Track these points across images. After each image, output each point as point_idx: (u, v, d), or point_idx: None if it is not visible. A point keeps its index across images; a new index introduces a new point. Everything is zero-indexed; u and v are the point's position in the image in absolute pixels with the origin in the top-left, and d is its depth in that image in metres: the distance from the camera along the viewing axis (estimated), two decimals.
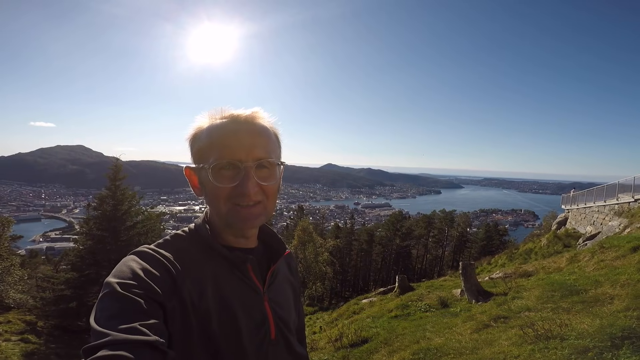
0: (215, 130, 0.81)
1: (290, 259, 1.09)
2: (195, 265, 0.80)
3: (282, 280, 0.99)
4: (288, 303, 0.98)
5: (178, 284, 0.74)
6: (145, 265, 0.73)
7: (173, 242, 0.84)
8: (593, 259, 7.12)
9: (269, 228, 1.00)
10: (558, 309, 4.73)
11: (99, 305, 0.66)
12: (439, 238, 40.37)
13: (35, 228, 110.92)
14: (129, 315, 0.63)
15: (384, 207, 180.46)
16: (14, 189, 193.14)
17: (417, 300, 8.47)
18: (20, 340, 13.89)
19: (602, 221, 13.82)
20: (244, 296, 0.84)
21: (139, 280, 0.69)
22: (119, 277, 0.69)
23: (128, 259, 0.76)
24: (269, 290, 0.91)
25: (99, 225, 15.11)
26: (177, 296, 0.73)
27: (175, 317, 0.72)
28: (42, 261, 32.20)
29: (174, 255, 0.79)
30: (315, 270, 25.02)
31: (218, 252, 0.84)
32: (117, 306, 0.64)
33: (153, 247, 0.81)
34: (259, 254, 0.94)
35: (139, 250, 0.79)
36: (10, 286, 14.27)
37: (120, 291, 0.66)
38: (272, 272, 0.94)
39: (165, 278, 0.73)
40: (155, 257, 0.77)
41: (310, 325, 12.60)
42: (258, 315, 0.85)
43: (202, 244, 0.85)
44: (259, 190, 0.80)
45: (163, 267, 0.75)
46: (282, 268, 1.01)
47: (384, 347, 5.63)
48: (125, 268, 0.72)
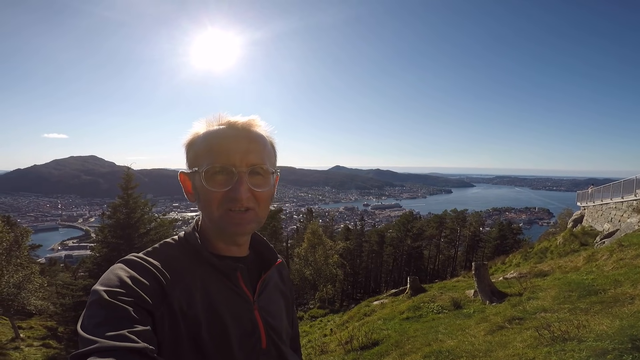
0: (211, 136, 0.82)
1: (282, 267, 1.07)
2: (184, 273, 0.80)
3: (273, 289, 0.98)
4: (280, 312, 0.97)
5: (167, 292, 0.74)
6: (133, 273, 0.73)
7: (162, 250, 0.84)
8: (612, 258, 6.93)
9: (260, 237, 1.00)
10: (575, 310, 4.60)
11: (87, 312, 0.65)
12: (451, 238, 39.90)
13: (54, 237, 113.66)
14: (117, 323, 0.62)
15: (394, 207, 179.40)
16: (32, 200, 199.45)
17: (429, 301, 8.34)
18: (42, 345, 14.32)
19: (620, 218, 13.45)
20: (234, 305, 0.83)
21: (127, 288, 0.69)
22: (106, 285, 0.69)
23: (115, 267, 0.75)
24: (259, 299, 0.90)
25: (114, 233, 15.43)
26: (165, 304, 0.73)
27: (164, 325, 0.71)
28: (61, 269, 33.08)
29: (162, 264, 0.78)
30: (325, 273, 24.96)
31: (207, 260, 0.83)
32: (104, 314, 0.64)
33: (141, 255, 0.80)
34: (250, 263, 0.93)
35: (127, 259, 0.78)
36: (32, 293, 14.74)
37: (108, 299, 0.65)
38: (262, 281, 0.93)
39: (154, 286, 0.73)
40: (143, 265, 0.76)
41: (321, 328, 12.57)
42: (248, 324, 0.85)
43: (192, 251, 0.85)
44: (251, 197, 0.80)
45: (151, 275, 0.75)
46: (274, 277, 1.00)
47: (395, 350, 5.55)
48: (113, 276, 0.71)
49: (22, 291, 14.21)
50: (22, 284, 14.30)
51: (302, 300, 26.65)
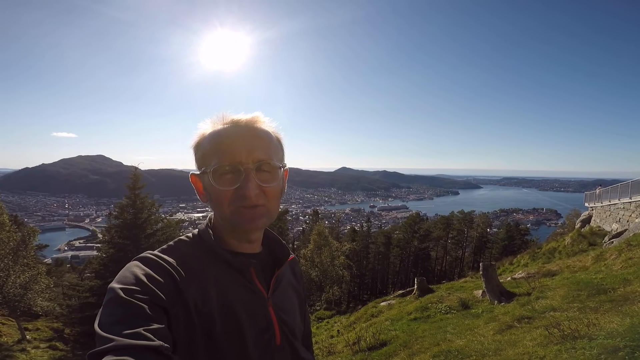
0: (217, 135, 0.83)
1: (294, 264, 1.07)
2: (198, 270, 0.80)
3: (286, 286, 0.98)
4: (293, 309, 0.97)
5: (181, 289, 0.74)
6: (149, 271, 0.74)
7: (176, 248, 0.85)
8: (620, 257, 6.86)
9: (273, 233, 1.00)
10: (585, 309, 4.57)
11: (103, 310, 0.66)
12: (459, 239, 39.62)
13: (60, 237, 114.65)
14: (133, 321, 0.63)
15: (401, 209, 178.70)
16: (39, 200, 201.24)
17: (437, 302, 8.31)
18: (49, 347, 14.31)
19: (629, 218, 13.31)
20: (248, 301, 0.84)
21: (143, 286, 0.69)
22: (122, 283, 0.70)
23: (131, 264, 0.76)
24: (273, 296, 0.90)
25: (121, 234, 15.50)
26: (180, 301, 0.73)
27: (179, 322, 0.72)
28: (67, 269, 33.14)
29: (178, 261, 0.79)
30: (332, 274, 24.91)
31: (221, 257, 0.84)
32: (120, 312, 0.64)
33: (156, 252, 0.81)
34: (263, 259, 0.93)
35: (143, 256, 0.79)
36: (38, 294, 14.57)
37: (124, 297, 0.66)
38: (276, 277, 0.93)
39: (169, 283, 0.74)
40: (158, 262, 0.77)
41: (328, 329, 12.56)
42: (262, 321, 0.85)
43: (206, 249, 0.85)
44: (260, 193, 0.80)
45: (166, 273, 0.75)
46: (287, 273, 1.01)
47: (403, 350, 5.54)
48: (129, 274, 0.72)
49: (28, 292, 14.02)
50: (29, 284, 14.09)
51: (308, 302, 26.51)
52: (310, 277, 25.18)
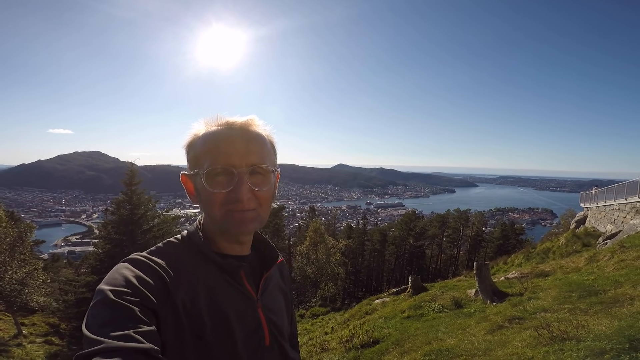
0: (210, 137, 0.82)
1: (282, 266, 1.09)
2: (188, 272, 0.80)
3: (274, 288, 0.99)
4: (281, 310, 0.98)
5: (171, 291, 0.74)
6: (138, 273, 0.73)
7: (166, 249, 0.84)
8: (613, 259, 6.92)
9: (262, 235, 1.01)
10: (575, 310, 4.62)
11: (91, 312, 0.65)
12: (454, 238, 39.82)
13: (57, 233, 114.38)
14: (122, 323, 0.62)
15: (397, 206, 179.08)
16: (35, 196, 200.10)
17: (430, 300, 8.37)
18: (45, 342, 14.35)
19: (623, 219, 13.39)
20: (238, 303, 0.84)
21: (132, 288, 0.69)
22: (111, 285, 0.68)
23: (120, 266, 0.75)
24: (262, 298, 0.91)
25: (117, 230, 15.45)
26: (170, 303, 0.73)
27: (168, 324, 0.71)
28: (63, 265, 33.16)
29: (167, 262, 0.79)
30: (327, 271, 25.01)
31: (211, 259, 0.84)
32: (109, 313, 0.63)
33: (145, 254, 0.81)
34: (252, 261, 0.94)
35: (132, 258, 0.78)
36: (34, 290, 14.61)
37: (113, 298, 0.65)
38: (264, 279, 0.94)
39: (158, 285, 0.73)
40: (147, 264, 0.76)
41: (322, 326, 12.60)
42: (252, 322, 0.86)
43: (195, 250, 0.85)
44: (252, 197, 0.80)
45: (156, 274, 0.75)
46: (275, 275, 1.02)
47: (395, 348, 5.58)
48: (118, 275, 0.71)
49: (25, 287, 14.09)
50: (26, 280, 14.17)
51: (303, 298, 26.70)
52: (306, 273, 25.26)
